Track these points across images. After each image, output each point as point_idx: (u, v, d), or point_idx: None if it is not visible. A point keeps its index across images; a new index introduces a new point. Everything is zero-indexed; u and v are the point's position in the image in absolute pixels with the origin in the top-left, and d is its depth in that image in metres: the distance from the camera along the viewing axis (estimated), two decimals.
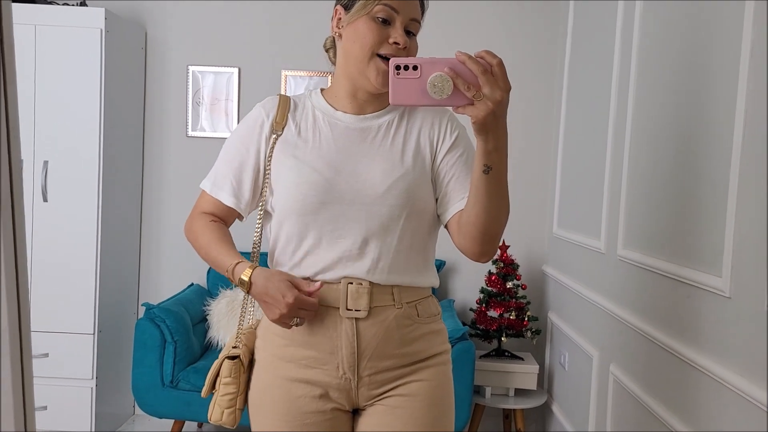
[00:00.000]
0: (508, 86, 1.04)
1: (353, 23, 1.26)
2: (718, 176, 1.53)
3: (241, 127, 1.37)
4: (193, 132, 3.41)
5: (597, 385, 2.38)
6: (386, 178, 1.27)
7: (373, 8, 1.23)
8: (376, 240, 1.26)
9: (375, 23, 1.24)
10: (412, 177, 1.28)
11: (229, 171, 1.35)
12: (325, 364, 1.28)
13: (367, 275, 1.27)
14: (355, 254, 1.27)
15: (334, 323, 1.27)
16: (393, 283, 1.29)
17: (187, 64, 3.40)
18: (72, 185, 2.95)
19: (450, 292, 3.42)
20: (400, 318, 1.29)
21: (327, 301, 1.27)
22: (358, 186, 1.27)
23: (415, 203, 1.28)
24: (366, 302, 1.26)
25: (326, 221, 1.26)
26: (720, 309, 1.51)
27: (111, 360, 3.11)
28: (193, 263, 3.36)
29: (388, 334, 1.28)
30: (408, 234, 1.29)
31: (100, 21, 2.92)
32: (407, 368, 1.31)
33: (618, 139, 2.27)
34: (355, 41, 1.26)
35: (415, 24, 1.27)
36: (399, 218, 1.27)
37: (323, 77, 3.34)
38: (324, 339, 1.28)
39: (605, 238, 2.35)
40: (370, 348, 1.27)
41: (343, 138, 1.31)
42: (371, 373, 1.28)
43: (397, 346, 1.29)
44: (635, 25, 2.13)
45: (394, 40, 1.24)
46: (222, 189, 1.35)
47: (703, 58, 1.66)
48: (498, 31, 3.33)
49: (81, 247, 2.96)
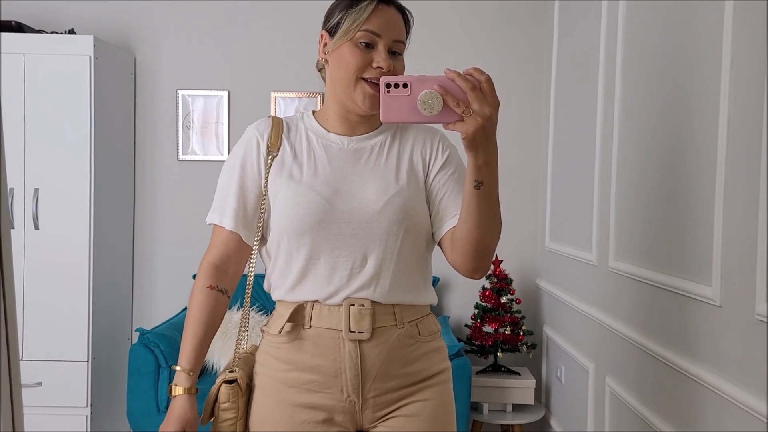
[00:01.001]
0: (497, 102, 1.06)
1: (338, 49, 1.27)
2: (705, 186, 1.55)
3: (236, 151, 1.36)
4: (184, 156, 3.42)
5: (593, 397, 2.38)
6: (382, 196, 1.27)
7: (355, 34, 1.25)
8: (375, 257, 1.27)
9: (358, 48, 1.25)
10: (407, 193, 1.29)
11: (231, 198, 1.33)
12: (329, 388, 1.27)
13: (368, 293, 1.27)
14: (356, 272, 1.27)
15: (336, 346, 1.27)
16: (394, 302, 1.29)
17: (177, 88, 3.41)
18: (63, 212, 2.95)
19: (445, 309, 3.42)
20: (402, 338, 1.29)
21: (328, 323, 1.27)
22: (354, 204, 1.27)
23: (412, 219, 1.29)
24: (369, 323, 1.26)
25: (324, 240, 1.26)
26: (711, 318, 1.51)
27: (105, 387, 3.09)
28: (186, 287, 3.35)
29: (391, 354, 1.28)
30: (407, 251, 1.29)
31: (88, 48, 2.93)
32: (410, 388, 1.30)
33: (605, 151, 2.29)
34: (340, 67, 1.27)
35: (399, 45, 1.28)
36: (397, 235, 1.27)
37: (313, 98, 3.36)
38: (327, 362, 1.27)
39: (596, 251, 2.36)
40: (374, 369, 1.27)
41: (337, 159, 1.32)
42: (376, 394, 1.28)
43: (400, 366, 1.29)
44: (618, 35, 2.16)
45: (378, 65, 1.25)
46: (225, 216, 1.33)
47: (686, 68, 1.68)
48: (484, 44, 3.36)
49: (73, 275, 2.95)
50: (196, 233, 3.34)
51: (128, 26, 3.41)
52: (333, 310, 1.27)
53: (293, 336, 1.29)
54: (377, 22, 1.25)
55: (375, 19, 1.25)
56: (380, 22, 1.25)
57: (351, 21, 1.24)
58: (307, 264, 1.28)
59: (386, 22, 1.26)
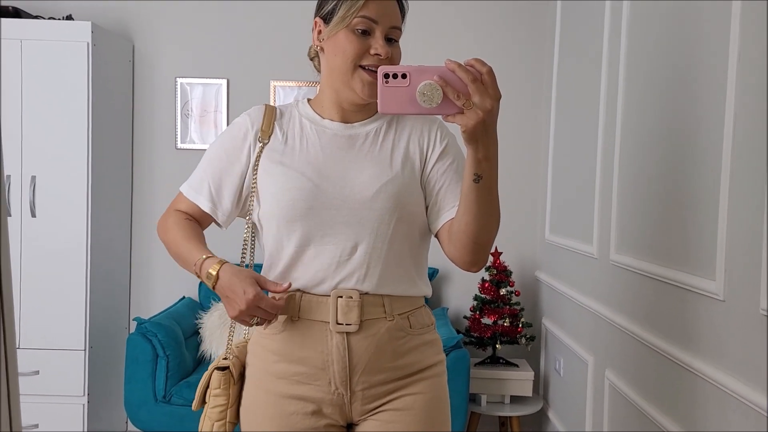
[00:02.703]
0: (498, 95, 1.04)
1: (334, 36, 1.25)
2: (710, 178, 1.53)
3: (225, 135, 1.36)
4: (183, 144, 3.40)
5: (593, 390, 2.37)
6: (374, 183, 1.26)
7: (351, 21, 1.23)
8: (365, 245, 1.25)
9: (355, 35, 1.23)
10: (400, 181, 1.27)
11: (209, 177, 1.33)
12: (316, 380, 1.27)
13: (357, 283, 1.25)
14: (345, 260, 1.25)
15: (324, 338, 1.26)
16: (384, 292, 1.27)
17: (175, 76, 3.38)
18: (60, 200, 2.93)
19: (443, 300, 3.41)
20: (392, 330, 1.27)
21: (316, 315, 1.26)
22: (346, 191, 1.25)
23: (405, 207, 1.27)
24: (356, 316, 1.24)
25: (315, 226, 1.25)
26: (714, 312, 1.50)
27: (103, 376, 3.08)
28: (185, 276, 3.33)
29: (380, 347, 1.26)
30: (398, 240, 1.27)
31: (86, 35, 2.90)
32: (401, 381, 1.29)
33: (608, 143, 2.27)
34: (336, 54, 1.25)
35: (395, 31, 1.26)
36: (389, 223, 1.25)
37: (312, 87, 3.34)
38: (315, 354, 1.26)
39: (597, 243, 2.35)
40: (362, 362, 1.26)
41: (330, 145, 1.30)
42: (364, 387, 1.27)
43: (390, 359, 1.27)
44: (623, 26, 2.14)
45: (375, 52, 1.23)
46: (200, 194, 1.34)
47: (692, 58, 1.66)
48: (486, 36, 3.34)
49: (70, 263, 2.93)
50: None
51: (127, 13, 3.37)
52: (321, 302, 1.26)
53: (282, 327, 1.28)
54: (374, 8, 1.23)
55: (371, 5, 1.23)
56: (377, 8, 1.23)
57: (347, 7, 1.23)
58: (297, 252, 1.27)
59: (383, 9, 1.24)
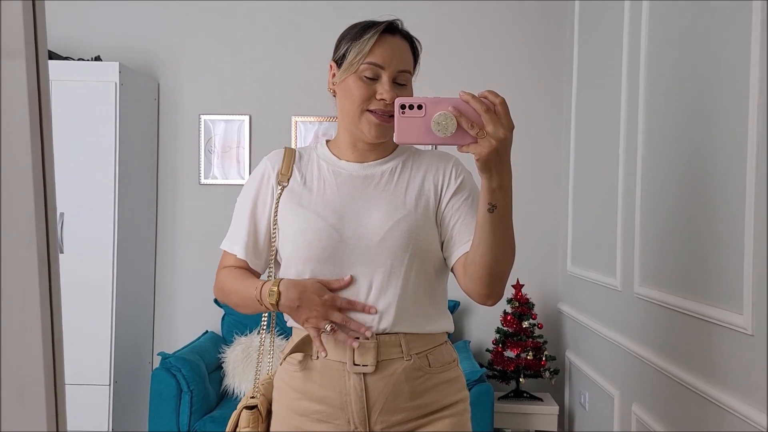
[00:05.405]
0: (512, 125, 1.06)
1: (344, 81, 1.29)
2: (735, 210, 1.53)
3: (249, 182, 1.40)
4: (206, 180, 3.45)
5: (619, 425, 2.34)
6: (387, 220, 1.27)
7: (358, 67, 1.26)
8: (379, 283, 1.26)
9: (362, 81, 1.27)
10: (413, 218, 1.28)
11: (244, 226, 1.37)
12: (336, 419, 1.27)
13: (372, 325, 1.26)
14: (361, 300, 1.27)
15: (342, 378, 1.27)
16: (400, 330, 1.27)
17: (199, 113, 3.46)
18: (87, 236, 2.98)
19: (465, 333, 3.39)
20: (409, 370, 1.27)
21: (334, 355, 1.27)
22: (360, 230, 1.27)
23: (418, 244, 1.28)
24: (373, 357, 1.25)
25: (331, 266, 1.27)
26: (743, 347, 1.49)
27: (127, 411, 3.09)
28: (208, 311, 3.36)
29: (397, 387, 1.27)
30: (413, 277, 1.28)
31: (114, 75, 2.99)
32: (421, 420, 1.29)
33: (629, 173, 2.28)
34: (346, 98, 1.29)
35: (404, 75, 1.29)
36: (402, 260, 1.26)
37: (333, 122, 3.39)
38: (333, 393, 1.27)
39: (621, 276, 2.34)
40: (379, 402, 1.26)
41: (346, 185, 1.33)
42: (384, 427, 1.27)
43: (408, 399, 1.27)
44: (641, 55, 2.16)
45: (381, 97, 1.26)
46: (236, 243, 1.38)
47: (712, 93, 1.67)
48: (504, 66, 3.38)
49: (96, 298, 2.97)
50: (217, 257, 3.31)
51: (152, 53, 3.47)
52: (338, 342, 1.27)
53: (303, 366, 1.30)
54: (381, 53, 1.26)
55: (379, 50, 1.26)
56: (384, 53, 1.26)
57: (354, 54, 1.26)
58: None
59: (390, 53, 1.27)
